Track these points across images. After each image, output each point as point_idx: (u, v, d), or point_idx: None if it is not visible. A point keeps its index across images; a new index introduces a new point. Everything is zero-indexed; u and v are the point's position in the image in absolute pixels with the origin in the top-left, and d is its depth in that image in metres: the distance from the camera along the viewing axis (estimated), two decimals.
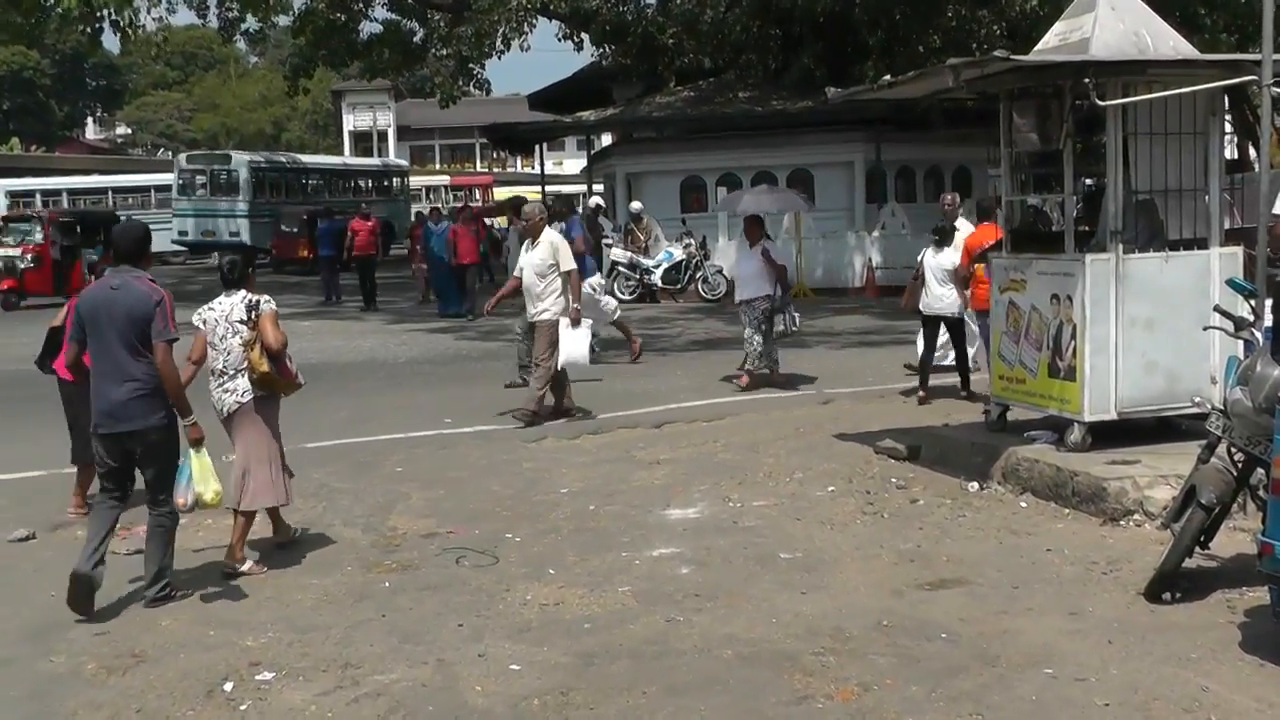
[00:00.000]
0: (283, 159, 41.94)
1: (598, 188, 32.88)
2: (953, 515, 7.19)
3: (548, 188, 37.58)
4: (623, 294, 22.74)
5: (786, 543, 6.81)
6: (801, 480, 8.20)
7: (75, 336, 6.36)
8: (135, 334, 6.13)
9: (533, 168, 66.40)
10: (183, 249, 37.73)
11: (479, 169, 71.56)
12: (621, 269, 22.63)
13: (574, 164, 58.51)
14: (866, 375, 12.98)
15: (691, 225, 22.61)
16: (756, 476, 8.37)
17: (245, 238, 33.95)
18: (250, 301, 6.90)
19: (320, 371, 14.33)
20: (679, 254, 22.63)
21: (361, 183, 43.42)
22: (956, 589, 6.00)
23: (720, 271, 22.49)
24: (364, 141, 71.10)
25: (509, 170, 71.82)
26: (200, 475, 6.16)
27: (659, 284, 22.56)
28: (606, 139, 44.65)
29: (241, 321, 6.87)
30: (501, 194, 54.18)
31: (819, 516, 7.27)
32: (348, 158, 51.53)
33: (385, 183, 44.53)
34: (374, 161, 49.62)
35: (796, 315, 12.01)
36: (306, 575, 6.59)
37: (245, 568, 6.66)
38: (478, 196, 50.56)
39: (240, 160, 37.37)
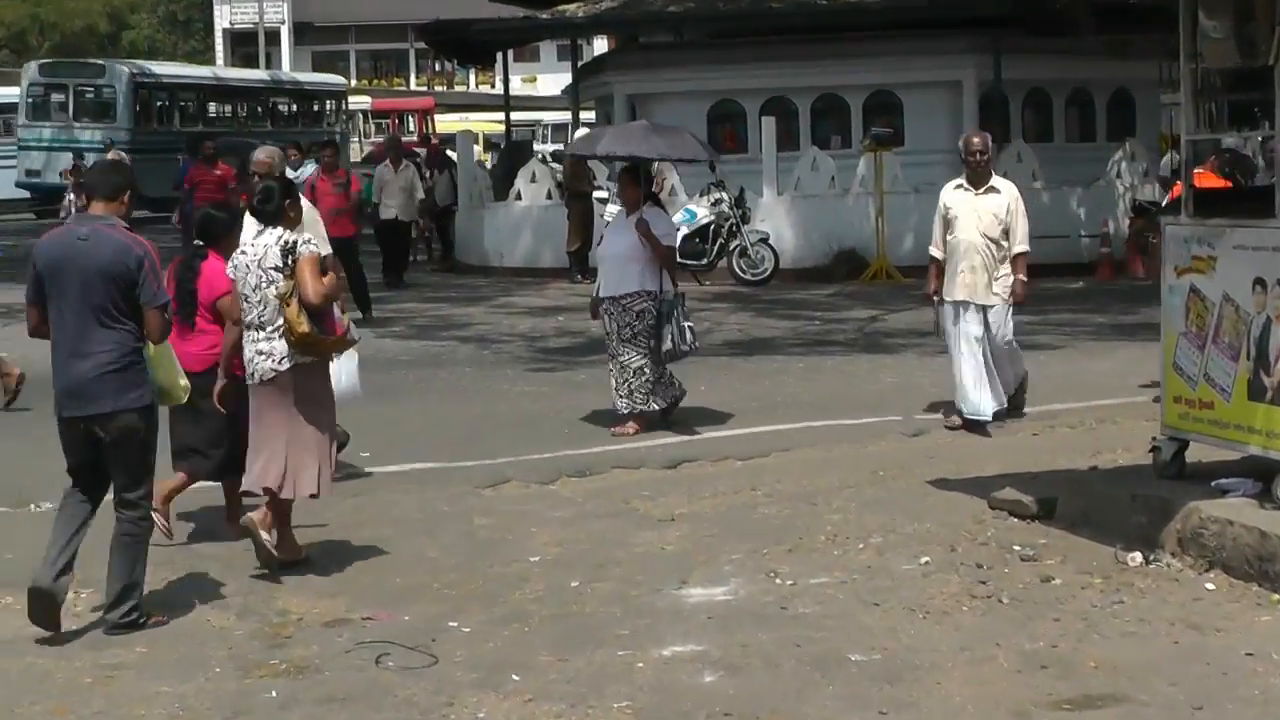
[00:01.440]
0: (177, 71, 42.42)
1: (588, 117, 32.92)
2: (1104, 601, 7.17)
3: (515, 115, 37.65)
4: None
5: (858, 639, 6.79)
6: (881, 547, 8.18)
7: (33, 298, 6.98)
8: (109, 297, 6.83)
9: (493, 86, 66.92)
10: (30, 195, 37.79)
11: (414, 87, 71.83)
12: None
13: (553, 81, 58.75)
14: None
15: (724, 172, 22.62)
16: (815, 541, 8.35)
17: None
18: (286, 243, 7.67)
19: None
20: (704, 214, 22.62)
21: (283, 106, 43.65)
22: (1111, 710, 5.97)
23: (765, 240, 22.54)
24: (245, 44, 71.43)
25: (458, 89, 72.10)
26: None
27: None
28: (600, 45, 44.81)
29: (276, 268, 7.67)
30: (450, 124, 54.28)
31: (906, 601, 7.25)
32: (250, 71, 51.81)
33: (314, 106, 44.79)
34: (302, 76, 49.86)
35: (690, 326, 11.47)
36: (156, 678, 6.56)
37: (265, 538, 7.81)
38: (412, 127, 50.69)
39: (118, 72, 37.67)
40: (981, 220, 11.06)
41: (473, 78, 72.92)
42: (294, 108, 43.96)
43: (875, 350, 15.87)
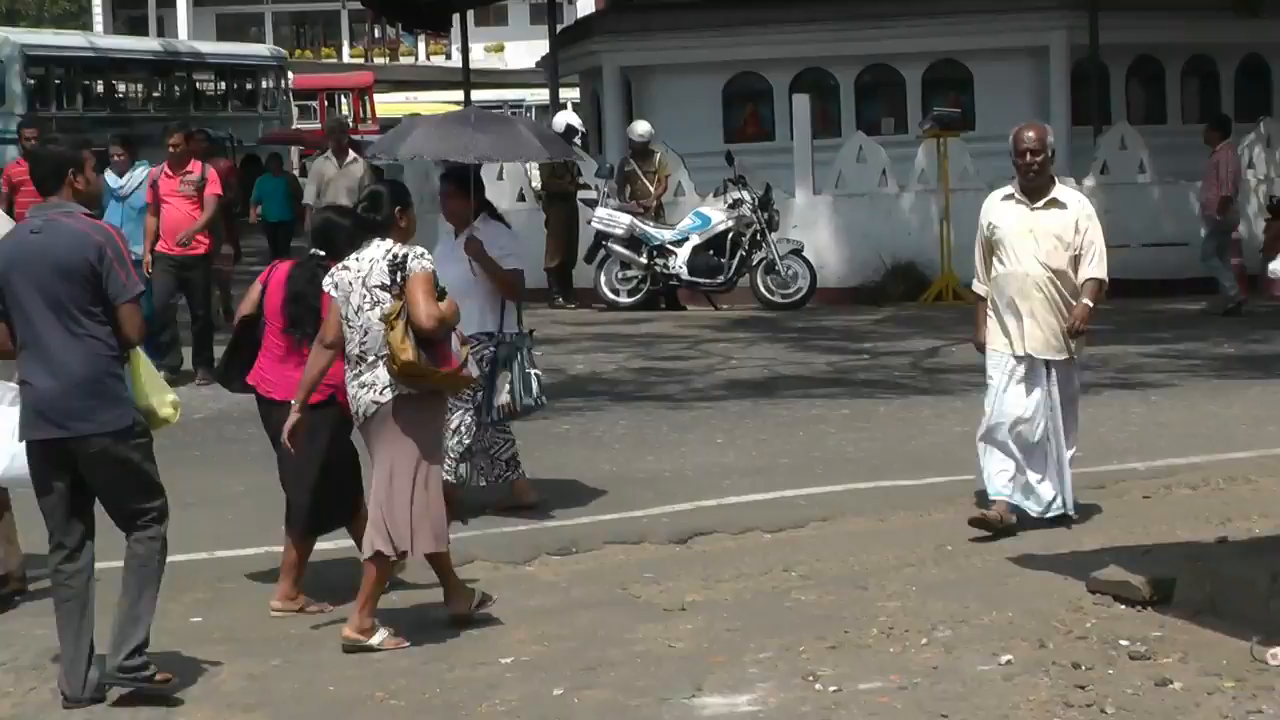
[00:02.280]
0: (81, 42, 42.36)
1: (570, 95, 33.06)
2: (1237, 710, 7.17)
3: (477, 94, 37.77)
4: (619, 290, 22.86)
5: None
6: (949, 643, 8.19)
7: None
8: (70, 298, 7.31)
9: (448, 57, 67.11)
10: None
11: (348, 59, 72.04)
12: (615, 246, 22.74)
13: (525, 50, 58.93)
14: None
15: (745, 165, 22.73)
16: (865, 635, 8.35)
17: None
18: (395, 257, 8.24)
19: None
20: (720, 219, 22.71)
21: (209, 85, 43.70)
22: None
23: (799, 252, 22.58)
24: (130, 5, 71.61)
25: (404, 61, 72.27)
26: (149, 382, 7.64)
27: (683, 275, 22.64)
28: (586, 3, 45.02)
29: (383, 286, 8.23)
30: (394, 105, 54.38)
31: (983, 712, 7.26)
32: (174, 41, 52.04)
33: (248, 85, 44.94)
34: (231, 48, 50.06)
35: (537, 375, 11.04)
36: None
37: (376, 640, 8.35)
38: (345, 110, 50.83)
39: (4, 44, 37.55)
40: (1040, 245, 10.22)
41: (422, 47, 73.15)
42: (222, 86, 44.19)
43: (939, 392, 15.89)
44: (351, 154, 21.22)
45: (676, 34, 27.78)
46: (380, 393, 8.26)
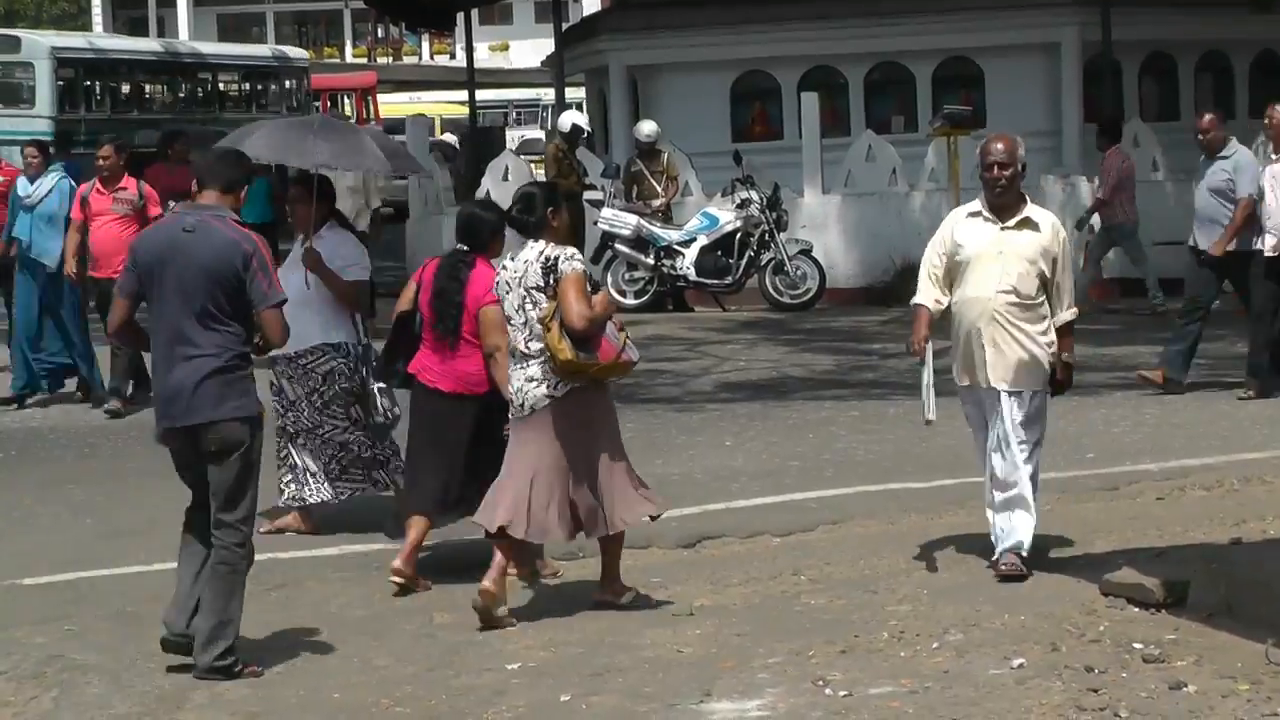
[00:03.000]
0: (109, 44, 42.76)
1: (576, 95, 33.09)
2: (1252, 714, 7.17)
3: (482, 93, 37.84)
4: (625, 291, 22.85)
5: None
6: (961, 647, 8.19)
7: (126, 289, 8.13)
8: (212, 296, 7.89)
9: (452, 56, 67.17)
10: None
11: (350, 59, 72.08)
12: (620, 247, 22.73)
13: (530, 49, 58.99)
14: (1084, 448, 12.99)
15: (753, 165, 22.74)
16: (875, 639, 8.36)
17: None
18: (548, 259, 8.71)
19: (40, 442, 14.42)
20: (728, 220, 22.71)
21: (233, 86, 44.27)
22: None
23: (808, 253, 22.58)
24: (130, 6, 71.68)
25: (408, 61, 72.30)
26: None
27: (691, 275, 22.64)
28: (590, 3, 45.05)
29: (538, 288, 8.74)
30: (397, 105, 54.44)
31: (994, 716, 7.26)
32: (200, 44, 52.73)
33: (272, 86, 45.44)
34: (256, 50, 50.72)
35: (380, 389, 10.65)
36: None
37: (626, 599, 9.09)
38: (348, 110, 50.88)
39: (36, 46, 38.13)
40: (1009, 268, 9.33)
41: (426, 46, 73.18)
42: (247, 88, 44.65)
43: (950, 393, 15.73)
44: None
45: (683, 32, 27.78)
46: (554, 388, 8.78)
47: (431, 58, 72.35)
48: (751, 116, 27.94)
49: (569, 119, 24.33)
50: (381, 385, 10.62)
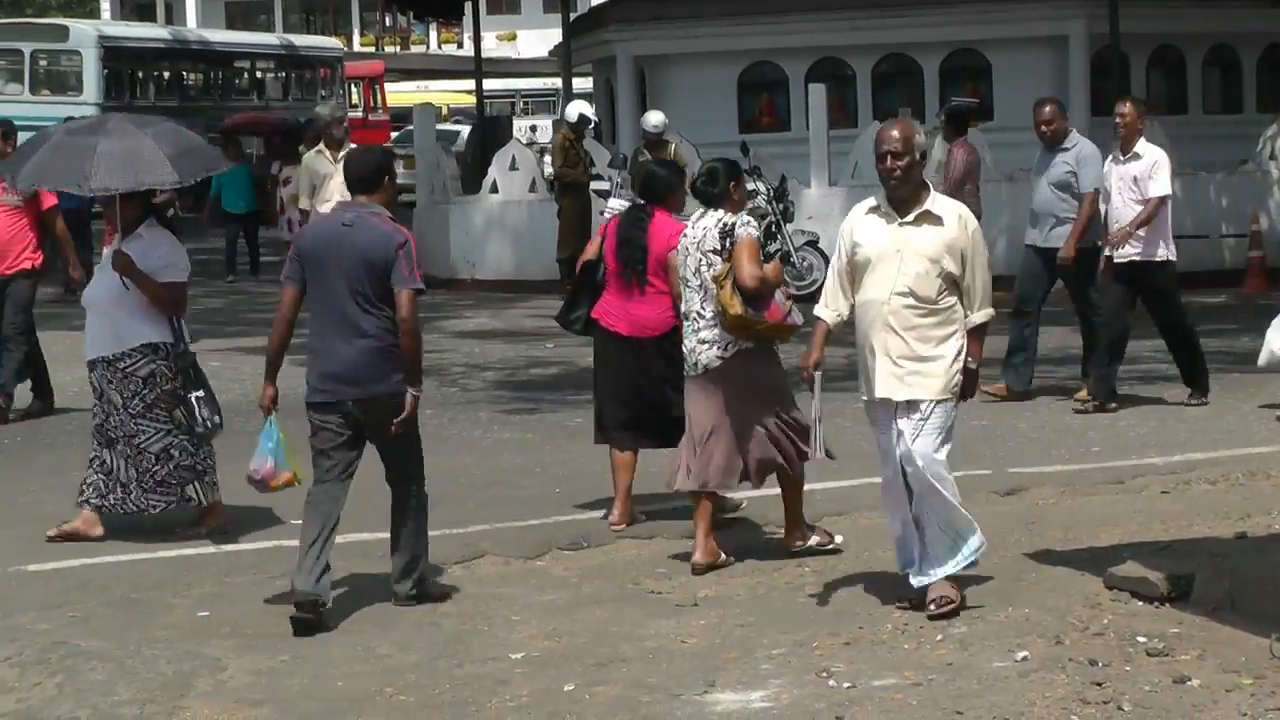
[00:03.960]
0: (151, 33, 44.32)
1: (583, 85, 33.05)
2: (1256, 708, 7.17)
3: (489, 83, 37.83)
4: None
5: None
6: (965, 639, 8.20)
7: (292, 275, 9.04)
8: (368, 283, 8.84)
9: (460, 46, 67.12)
10: None
11: (358, 47, 72.05)
12: None
13: (538, 39, 58.96)
14: (1090, 441, 12.99)
15: (760, 156, 22.72)
16: (879, 631, 8.38)
17: None
18: (725, 225, 9.59)
19: (45, 428, 14.44)
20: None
21: (270, 75, 44.88)
22: None
23: (814, 244, 22.59)
24: None
25: (416, 50, 72.29)
26: (288, 448, 9.20)
27: None
28: None
29: (714, 251, 9.59)
30: (404, 94, 54.44)
31: (998, 709, 7.26)
32: (234, 34, 53.67)
33: (307, 75, 46.08)
34: (294, 39, 51.77)
35: (198, 396, 10.67)
36: None
37: (814, 541, 9.88)
38: (355, 99, 50.89)
39: (84, 35, 39.45)
40: (907, 268, 8.53)
41: (433, 35, 73.20)
42: (283, 77, 45.35)
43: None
44: (350, 146, 18.01)
45: (691, 23, 27.79)
46: (724, 349, 9.58)
47: (439, 47, 72.41)
48: (759, 107, 27.92)
49: (576, 109, 24.34)
50: (201, 394, 10.73)
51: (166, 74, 42.16)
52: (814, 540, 9.91)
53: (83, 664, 8.23)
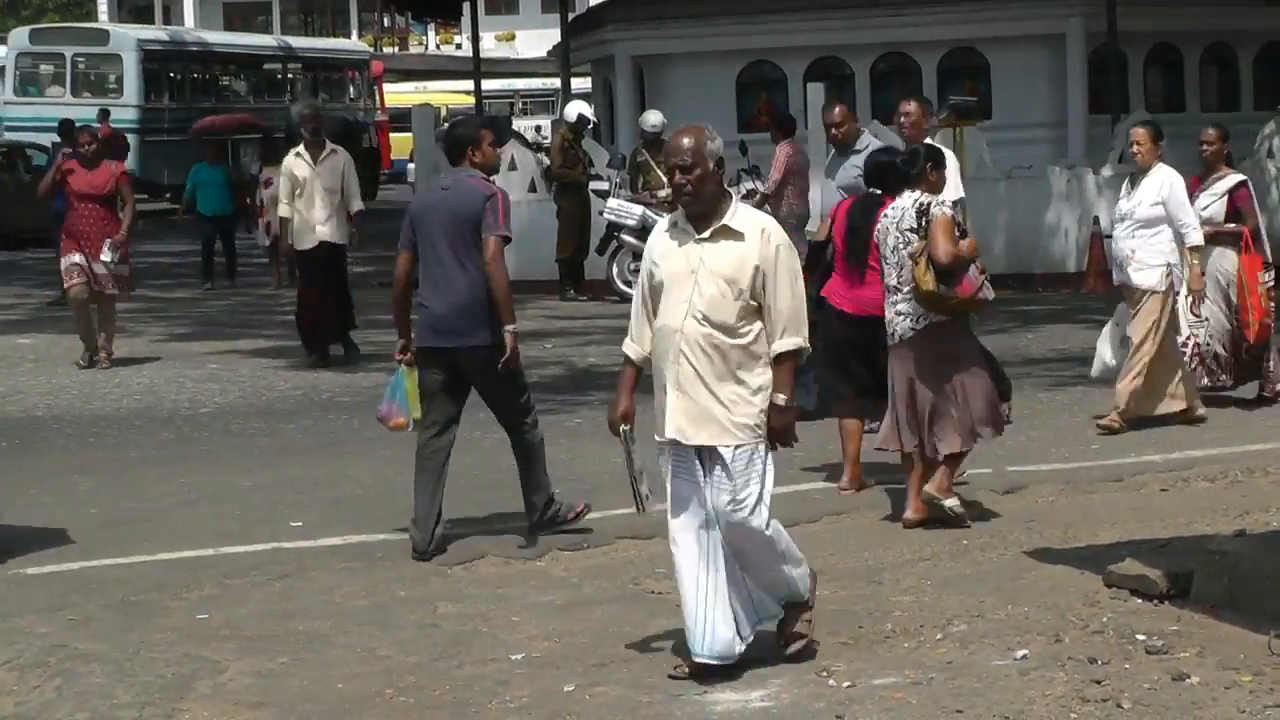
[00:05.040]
0: (186, 37, 46.08)
1: (582, 85, 33.06)
2: (1254, 705, 7.18)
3: (488, 83, 37.81)
4: (631, 282, 22.80)
5: None
6: (965, 638, 8.21)
7: (405, 242, 10.07)
8: (462, 237, 9.82)
9: (458, 46, 67.13)
10: None
11: (355, 47, 71.99)
12: (625, 237, 22.73)
13: (536, 39, 58.95)
14: (1089, 439, 13.01)
15: (759, 155, 22.71)
16: (879, 630, 8.38)
17: (134, 165, 37.15)
18: (921, 205, 10.20)
19: (44, 431, 14.42)
20: None
21: (300, 77, 46.14)
22: None
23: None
24: None
25: (414, 50, 72.27)
26: (411, 396, 10.13)
27: None
28: None
29: (912, 229, 10.16)
30: (403, 95, 54.48)
31: (998, 707, 7.27)
32: (262, 37, 55.00)
33: (335, 77, 47.23)
34: (320, 43, 53.20)
35: None
36: None
37: (949, 503, 10.25)
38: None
39: (123, 39, 41.04)
40: (702, 291, 7.61)
41: (432, 35, 73.18)
42: (312, 79, 46.56)
43: None
44: (329, 146, 17.63)
45: (689, 22, 27.80)
46: (916, 321, 10.17)
47: (438, 47, 72.37)
48: (757, 107, 27.91)
49: (575, 109, 24.34)
50: None
51: (203, 76, 43.54)
52: (950, 503, 10.33)
53: (81, 667, 8.22)
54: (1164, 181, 13.00)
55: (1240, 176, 14.38)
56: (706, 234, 7.64)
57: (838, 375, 11.37)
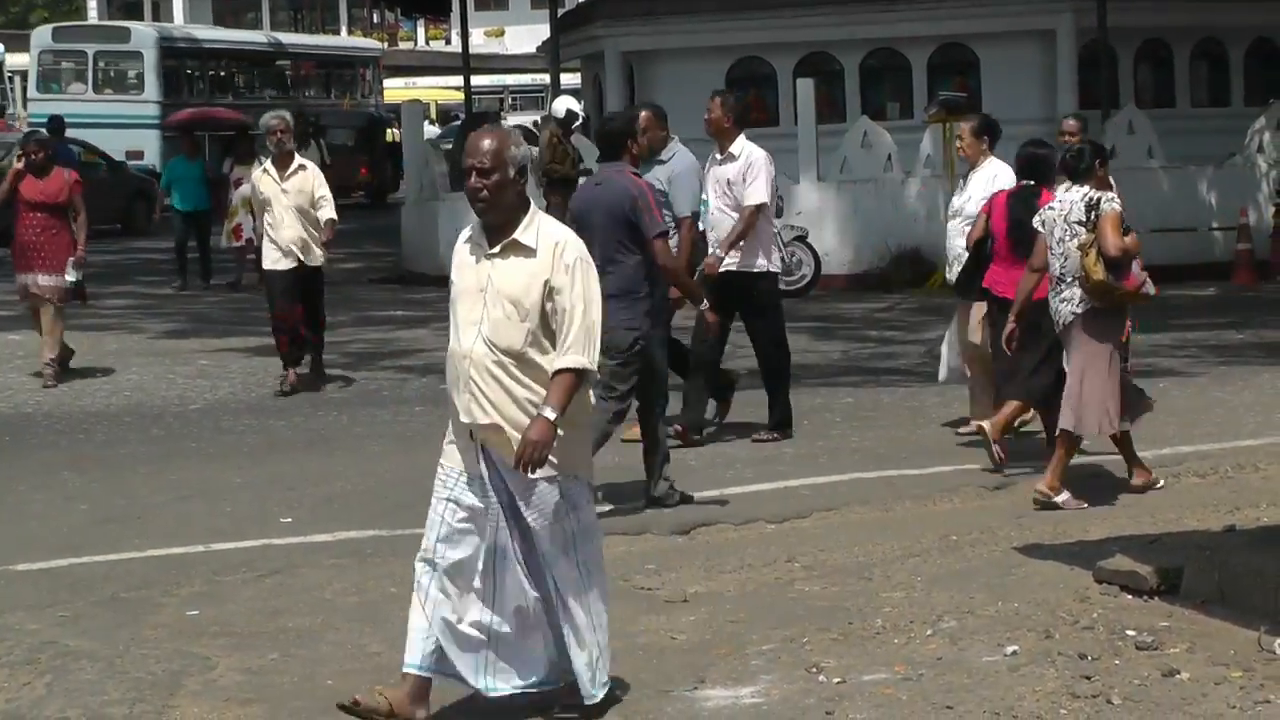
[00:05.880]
0: (205, 35, 47.04)
1: (571, 81, 33.04)
2: (1244, 701, 7.17)
3: (477, 79, 37.76)
4: None
5: None
6: (955, 634, 8.19)
7: None
8: (615, 232, 10.63)
9: (448, 42, 67.12)
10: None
11: (366, 44, 72.01)
12: None
13: (526, 35, 58.94)
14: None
15: None
16: (869, 626, 8.37)
17: (154, 160, 37.64)
18: (1091, 199, 10.66)
19: (34, 428, 14.41)
20: None
21: (312, 74, 47.10)
22: None
23: (803, 239, 22.59)
24: None
25: (403, 46, 72.23)
26: None
27: None
28: None
29: (1079, 222, 10.64)
30: (393, 91, 54.52)
31: (988, 703, 7.27)
32: (281, 34, 56.34)
33: (346, 75, 48.19)
34: (330, 40, 54.47)
35: None
36: None
37: (1060, 499, 10.62)
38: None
39: (144, 36, 42.20)
40: (489, 312, 7.01)
41: (421, 31, 73.15)
42: (324, 76, 47.69)
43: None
44: (297, 161, 15.97)
45: (679, 18, 27.81)
46: (1077, 306, 10.63)
47: (427, 43, 72.38)
48: (747, 103, 27.92)
49: (564, 105, 24.34)
50: None
51: (220, 73, 44.70)
52: (1061, 498, 10.66)
53: (72, 663, 8.21)
54: (993, 175, 12.81)
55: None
56: (497, 249, 6.99)
57: (1013, 360, 11.61)
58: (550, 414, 6.81)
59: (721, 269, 12.86)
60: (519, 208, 7.00)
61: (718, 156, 13.10)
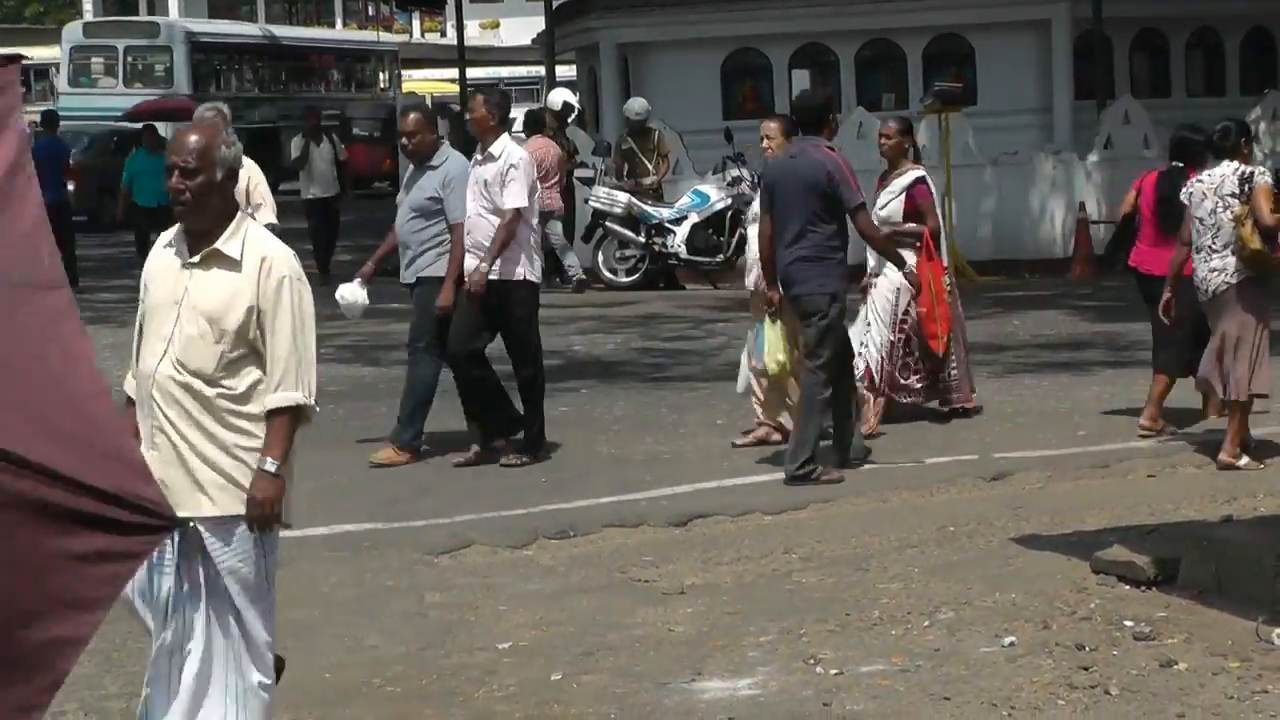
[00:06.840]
0: (232, 29, 48.57)
1: (567, 73, 33.05)
2: (1241, 691, 7.19)
3: (472, 71, 37.79)
4: (617, 270, 22.84)
5: None
6: (952, 625, 8.22)
7: (764, 205, 11.54)
8: (810, 203, 11.17)
9: (443, 34, 67.11)
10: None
11: (385, 39, 71.96)
12: (611, 225, 22.72)
13: (521, 27, 58.87)
14: (1076, 425, 13.00)
15: (744, 143, 22.71)
16: (867, 617, 8.39)
17: None
18: (1243, 173, 11.10)
19: None
20: (719, 198, 22.72)
21: (333, 69, 48.09)
22: None
23: None
24: None
25: (399, 38, 72.08)
26: (772, 344, 11.33)
27: (682, 253, 22.64)
28: None
29: (1232, 195, 11.04)
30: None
31: (986, 694, 7.28)
32: (300, 29, 57.55)
33: (364, 70, 49.19)
34: (351, 35, 55.72)
35: None
36: None
37: (1241, 463, 11.17)
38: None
39: (174, 30, 43.50)
40: (182, 330, 6.16)
41: (416, 24, 73.04)
42: (345, 71, 48.89)
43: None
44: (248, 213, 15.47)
45: (674, 10, 27.80)
46: (1230, 275, 11.03)
47: (422, 35, 72.20)
48: (743, 94, 27.92)
49: (559, 97, 24.32)
50: None
51: (247, 67, 45.91)
52: (1244, 462, 11.19)
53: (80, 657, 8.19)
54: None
55: (919, 172, 13.37)
56: (197, 258, 6.20)
57: (1167, 335, 12.06)
58: (271, 466, 6.09)
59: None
60: (225, 214, 6.22)
61: (479, 157, 12.00)
